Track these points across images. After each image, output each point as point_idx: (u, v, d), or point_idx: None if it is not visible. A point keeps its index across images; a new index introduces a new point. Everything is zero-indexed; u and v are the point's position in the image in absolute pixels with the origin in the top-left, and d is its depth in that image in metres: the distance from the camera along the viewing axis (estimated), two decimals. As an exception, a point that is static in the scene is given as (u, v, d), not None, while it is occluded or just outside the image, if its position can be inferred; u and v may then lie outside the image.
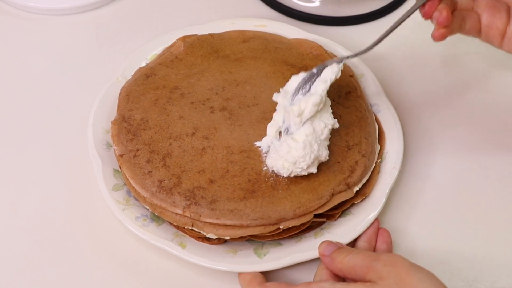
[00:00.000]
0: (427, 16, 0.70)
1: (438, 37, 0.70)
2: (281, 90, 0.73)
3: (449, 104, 0.84)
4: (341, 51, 0.83)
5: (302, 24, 0.91)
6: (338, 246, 0.67)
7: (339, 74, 0.72)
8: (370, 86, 0.81)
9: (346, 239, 0.70)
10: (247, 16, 0.88)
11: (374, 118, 0.78)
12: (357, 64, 0.83)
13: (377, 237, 0.72)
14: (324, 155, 0.71)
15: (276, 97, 0.73)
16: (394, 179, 0.74)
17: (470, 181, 0.78)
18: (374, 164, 0.75)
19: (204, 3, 0.93)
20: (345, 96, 0.78)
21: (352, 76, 0.80)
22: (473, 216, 0.76)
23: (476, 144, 0.80)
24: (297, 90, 0.72)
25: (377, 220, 0.72)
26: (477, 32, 0.72)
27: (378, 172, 0.75)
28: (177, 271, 0.71)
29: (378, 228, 0.72)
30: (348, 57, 0.74)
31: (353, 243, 0.71)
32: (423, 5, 0.70)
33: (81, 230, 0.73)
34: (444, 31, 0.70)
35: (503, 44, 0.72)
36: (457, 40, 0.76)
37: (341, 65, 0.72)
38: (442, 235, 0.74)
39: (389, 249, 0.71)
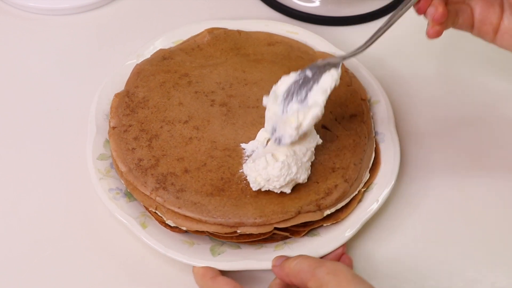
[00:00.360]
0: (421, 11, 0.67)
1: (434, 35, 0.68)
2: (271, 92, 0.71)
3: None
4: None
5: (302, 24, 0.90)
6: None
7: (339, 81, 0.70)
8: (382, 113, 0.79)
9: (306, 259, 0.69)
10: (259, 18, 0.88)
11: (374, 146, 0.76)
12: (375, 90, 0.81)
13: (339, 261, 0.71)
14: (302, 178, 0.70)
15: (266, 101, 0.71)
16: (373, 211, 0.72)
17: (470, 181, 0.78)
18: (356, 192, 0.73)
19: (204, 2, 0.93)
20: (349, 119, 0.77)
21: (364, 100, 0.79)
22: (473, 216, 0.75)
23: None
24: (290, 95, 0.70)
25: (343, 246, 0.71)
26: (470, 27, 0.70)
27: (360, 201, 0.73)
28: (176, 273, 0.71)
29: (342, 254, 0.70)
30: (344, 58, 0.70)
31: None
32: (418, 1, 0.67)
33: (81, 230, 0.74)
34: (439, 28, 0.67)
35: (496, 39, 0.69)
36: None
37: (339, 70, 0.69)
38: (442, 235, 0.74)
39: None
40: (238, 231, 0.69)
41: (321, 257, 0.70)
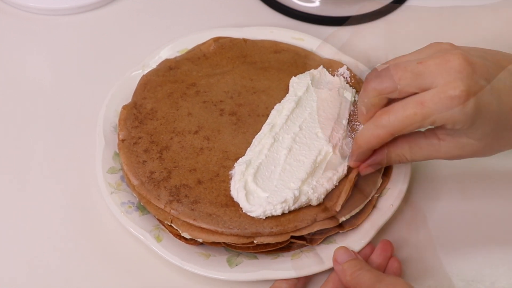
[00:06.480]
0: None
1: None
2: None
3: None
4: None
5: (302, 24, 0.91)
6: (353, 257, 0.67)
7: None
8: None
9: (323, 266, 0.69)
10: (269, 24, 0.88)
11: (386, 151, 0.76)
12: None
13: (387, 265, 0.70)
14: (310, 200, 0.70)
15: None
16: (388, 217, 0.72)
17: (470, 182, 0.78)
18: (369, 198, 0.72)
19: (203, 3, 0.93)
20: (360, 123, 0.77)
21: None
22: (473, 216, 0.75)
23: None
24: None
25: (391, 248, 0.71)
26: None
27: (374, 207, 0.73)
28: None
29: (390, 256, 0.70)
30: None
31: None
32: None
33: (81, 230, 0.73)
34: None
35: None
36: None
37: None
38: (442, 235, 0.74)
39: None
40: (255, 241, 0.68)
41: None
